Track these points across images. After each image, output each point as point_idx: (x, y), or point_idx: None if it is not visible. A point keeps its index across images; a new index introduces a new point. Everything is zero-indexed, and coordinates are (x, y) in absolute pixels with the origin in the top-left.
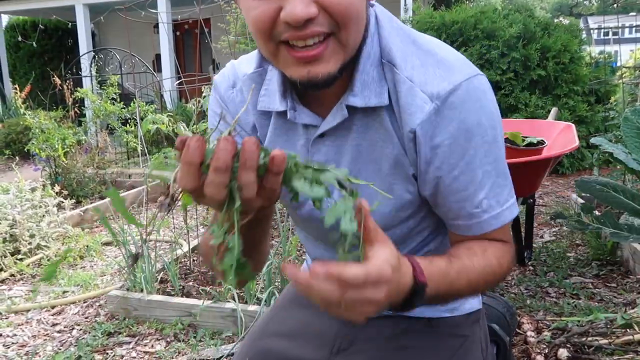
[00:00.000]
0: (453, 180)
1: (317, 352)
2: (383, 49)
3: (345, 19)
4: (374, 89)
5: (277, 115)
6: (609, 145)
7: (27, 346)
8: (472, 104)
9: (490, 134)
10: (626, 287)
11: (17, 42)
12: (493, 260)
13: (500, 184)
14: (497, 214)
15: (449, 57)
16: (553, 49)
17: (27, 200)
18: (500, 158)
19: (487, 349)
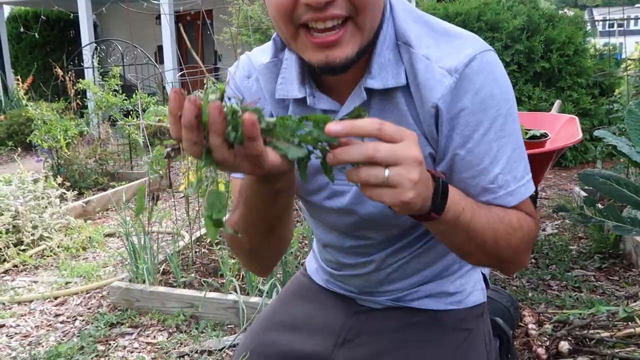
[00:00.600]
0: (468, 152)
1: (321, 344)
2: (397, 30)
3: (364, 2)
4: (390, 70)
5: (295, 103)
6: (612, 138)
7: (30, 336)
8: (485, 75)
9: (504, 107)
10: (628, 280)
11: (19, 33)
12: (513, 217)
13: (516, 159)
14: (512, 190)
15: (460, 34)
16: (557, 41)
17: (29, 191)
18: (515, 132)
19: (491, 343)
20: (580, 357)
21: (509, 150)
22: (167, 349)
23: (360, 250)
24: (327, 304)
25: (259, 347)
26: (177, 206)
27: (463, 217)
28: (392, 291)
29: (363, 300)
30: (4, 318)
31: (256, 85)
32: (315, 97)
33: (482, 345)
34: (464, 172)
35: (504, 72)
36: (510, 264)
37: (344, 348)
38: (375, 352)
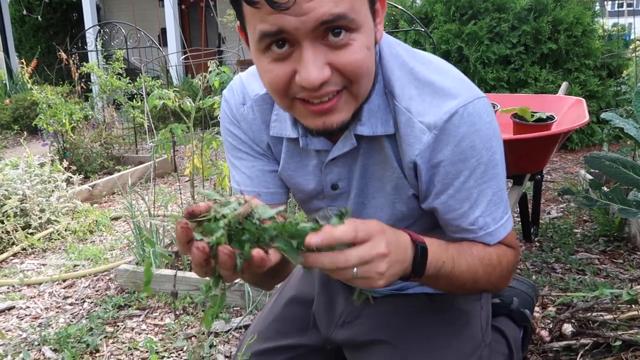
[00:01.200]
0: (449, 198)
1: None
2: (384, 78)
3: (357, 76)
4: (380, 116)
5: (289, 141)
6: (619, 120)
7: (40, 318)
8: (466, 128)
9: (485, 156)
10: (633, 263)
11: (22, 16)
12: (493, 255)
13: (496, 202)
14: (492, 231)
15: (445, 83)
16: (565, 21)
17: (36, 175)
18: (496, 177)
19: (487, 328)
20: (583, 339)
21: (489, 194)
22: (174, 331)
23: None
24: (334, 287)
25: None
26: (183, 190)
27: (443, 269)
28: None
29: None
30: (14, 300)
31: (252, 113)
32: (307, 138)
33: (477, 328)
34: (445, 214)
35: (489, 119)
36: (489, 292)
37: (343, 328)
38: (370, 329)
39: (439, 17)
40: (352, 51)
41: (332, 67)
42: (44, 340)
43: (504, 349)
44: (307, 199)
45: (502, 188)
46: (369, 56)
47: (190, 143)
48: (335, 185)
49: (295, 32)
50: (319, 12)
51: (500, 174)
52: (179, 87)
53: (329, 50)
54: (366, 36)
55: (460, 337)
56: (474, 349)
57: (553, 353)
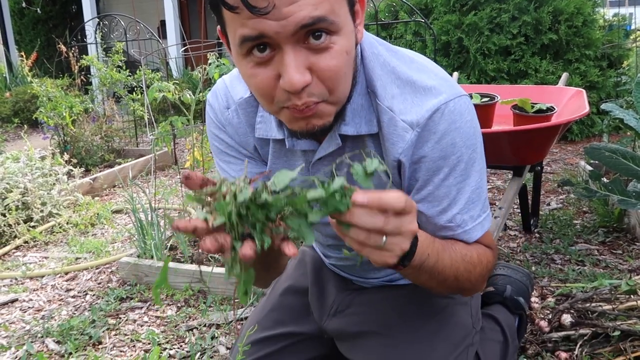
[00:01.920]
0: (428, 194)
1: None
2: (366, 77)
3: (336, 82)
4: (364, 116)
5: (275, 142)
6: (619, 111)
7: (43, 310)
8: (447, 125)
9: (465, 153)
10: (632, 254)
11: (21, 8)
12: (474, 253)
13: (474, 200)
14: (469, 229)
15: (427, 82)
16: (566, 11)
17: (37, 168)
18: (475, 174)
19: (477, 315)
20: (581, 330)
21: (467, 192)
22: (176, 323)
23: (341, 246)
24: (326, 277)
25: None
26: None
27: (427, 262)
28: (382, 277)
29: (357, 280)
30: (17, 293)
31: (236, 117)
32: (293, 139)
33: (466, 314)
34: (425, 210)
35: (470, 117)
36: (468, 292)
37: (335, 318)
38: (360, 320)
39: (439, 7)
40: (332, 55)
41: (312, 72)
42: (47, 332)
43: (499, 337)
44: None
45: (481, 186)
46: (348, 60)
47: (191, 136)
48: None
49: (276, 36)
50: (298, 16)
51: (479, 171)
52: (178, 80)
53: (310, 54)
54: (346, 39)
55: (449, 324)
56: (464, 336)
57: (552, 343)
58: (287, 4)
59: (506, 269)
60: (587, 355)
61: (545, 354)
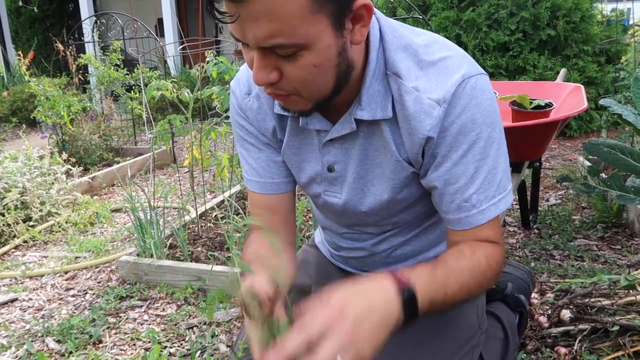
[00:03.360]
0: (446, 172)
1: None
2: (387, 61)
3: (304, 88)
4: (379, 101)
5: (293, 119)
6: (618, 106)
7: (43, 310)
8: (468, 100)
9: (485, 131)
10: (631, 249)
11: (17, 7)
12: (482, 260)
13: (491, 180)
14: (484, 209)
15: (449, 61)
16: (564, 7)
17: (35, 168)
18: (493, 154)
19: (483, 314)
20: (581, 325)
21: (485, 171)
22: (176, 321)
23: (355, 236)
24: (330, 274)
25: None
26: (182, 181)
27: (435, 301)
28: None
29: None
30: (16, 292)
31: (257, 102)
32: (308, 117)
33: (472, 313)
34: (441, 189)
35: (490, 95)
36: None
37: None
38: None
39: (436, 4)
40: (298, 67)
41: (280, 73)
42: (47, 331)
43: (500, 334)
44: (307, 181)
45: (497, 166)
46: (318, 73)
47: (189, 134)
48: (331, 167)
49: (246, 41)
50: (257, 38)
51: (498, 151)
52: (176, 78)
53: (280, 58)
54: (316, 54)
55: (456, 324)
56: (470, 335)
57: (551, 339)
58: (248, 21)
59: (507, 266)
60: (586, 351)
61: (544, 349)
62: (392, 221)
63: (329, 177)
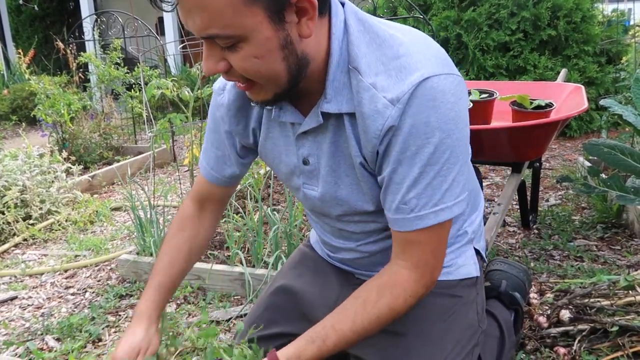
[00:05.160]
0: (392, 171)
1: (319, 310)
2: (350, 54)
3: (253, 77)
4: (345, 94)
5: (268, 111)
6: (618, 107)
7: (43, 308)
8: (424, 102)
9: (437, 136)
10: (630, 249)
11: (18, 5)
12: (383, 310)
13: (435, 187)
14: (422, 215)
15: (414, 57)
16: (564, 7)
17: (35, 166)
18: (445, 161)
19: (483, 312)
20: (580, 325)
21: (429, 177)
22: (175, 320)
23: (344, 234)
24: (327, 274)
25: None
26: (182, 180)
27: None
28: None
29: (359, 274)
30: (16, 290)
31: (227, 97)
32: (281, 110)
33: (473, 313)
34: (386, 187)
35: (453, 99)
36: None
37: None
38: None
39: (437, 4)
40: (240, 58)
41: (228, 63)
42: (46, 329)
43: (496, 332)
44: (287, 173)
45: (447, 175)
46: (262, 63)
47: (189, 133)
48: (306, 160)
49: (189, 30)
50: (195, 28)
51: (450, 160)
52: (177, 77)
53: (223, 49)
54: (255, 46)
55: (457, 324)
56: (471, 335)
57: (551, 339)
58: (185, 11)
59: (503, 264)
60: (585, 351)
61: (543, 349)
62: (375, 221)
63: (305, 170)
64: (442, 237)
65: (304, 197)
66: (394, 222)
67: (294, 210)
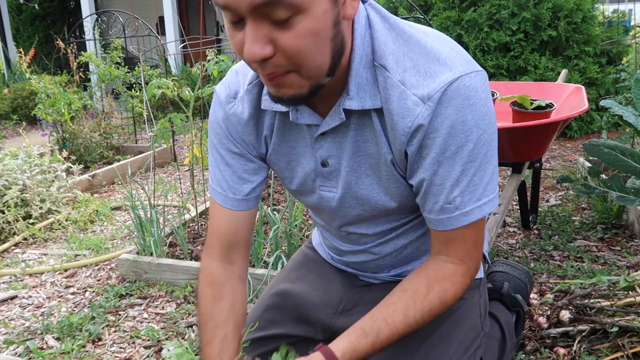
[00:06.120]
0: (433, 174)
1: (322, 312)
2: (375, 51)
3: (302, 61)
4: (368, 90)
5: (280, 115)
6: (618, 107)
7: (43, 307)
8: (460, 101)
9: (475, 133)
10: (630, 250)
11: (19, 4)
12: (435, 302)
13: (477, 183)
14: (467, 211)
15: (442, 54)
16: (565, 7)
17: (36, 165)
18: (482, 157)
19: (486, 315)
20: (580, 326)
21: (471, 173)
22: (175, 319)
23: (354, 237)
24: (330, 276)
25: (266, 312)
26: (183, 179)
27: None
28: (391, 273)
29: (364, 276)
30: (16, 289)
31: (241, 106)
32: (298, 112)
33: (476, 315)
34: (426, 191)
35: (485, 95)
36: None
37: (342, 316)
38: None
39: (438, 4)
40: (294, 36)
41: (275, 46)
42: (46, 329)
43: (497, 333)
44: (302, 179)
45: (485, 170)
46: (315, 42)
47: (190, 132)
48: (325, 162)
49: (238, 8)
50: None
51: (487, 155)
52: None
53: (273, 28)
54: (313, 20)
55: (461, 326)
56: (474, 338)
57: (550, 339)
58: None
59: (505, 266)
60: (585, 351)
61: (543, 350)
62: (390, 220)
63: (323, 172)
64: (482, 229)
65: (319, 199)
66: (437, 223)
67: (294, 210)
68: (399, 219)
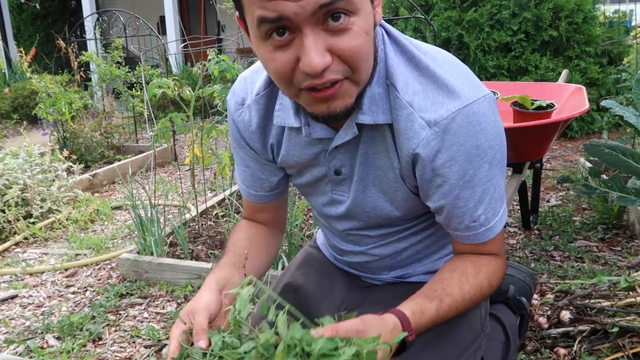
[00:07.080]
0: (454, 198)
1: (325, 311)
2: (388, 69)
3: (358, 62)
4: (381, 105)
5: (291, 130)
6: (619, 108)
7: (43, 307)
8: (471, 128)
9: (489, 154)
10: (631, 250)
11: (20, 4)
12: (484, 282)
13: (497, 198)
14: (491, 226)
15: (451, 81)
16: (566, 8)
17: (36, 164)
18: (498, 172)
19: (486, 317)
20: (580, 326)
21: (491, 192)
22: (175, 319)
23: (355, 239)
24: (333, 276)
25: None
26: (183, 179)
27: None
28: (393, 274)
29: (366, 277)
30: (17, 289)
31: (249, 113)
32: (310, 127)
33: (476, 316)
34: (450, 212)
35: (493, 117)
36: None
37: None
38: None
39: (439, 4)
40: (352, 36)
41: (332, 53)
42: (47, 328)
43: (501, 336)
44: (312, 182)
45: (500, 184)
46: (368, 41)
47: (190, 132)
48: (338, 171)
49: (295, 17)
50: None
51: (500, 170)
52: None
53: (329, 36)
54: (365, 20)
55: (460, 327)
56: (473, 339)
57: (551, 340)
58: None
59: (510, 268)
60: (585, 352)
61: (544, 350)
62: (392, 225)
63: (336, 179)
64: (503, 236)
65: (330, 201)
66: (463, 238)
67: (294, 210)
68: (401, 224)
